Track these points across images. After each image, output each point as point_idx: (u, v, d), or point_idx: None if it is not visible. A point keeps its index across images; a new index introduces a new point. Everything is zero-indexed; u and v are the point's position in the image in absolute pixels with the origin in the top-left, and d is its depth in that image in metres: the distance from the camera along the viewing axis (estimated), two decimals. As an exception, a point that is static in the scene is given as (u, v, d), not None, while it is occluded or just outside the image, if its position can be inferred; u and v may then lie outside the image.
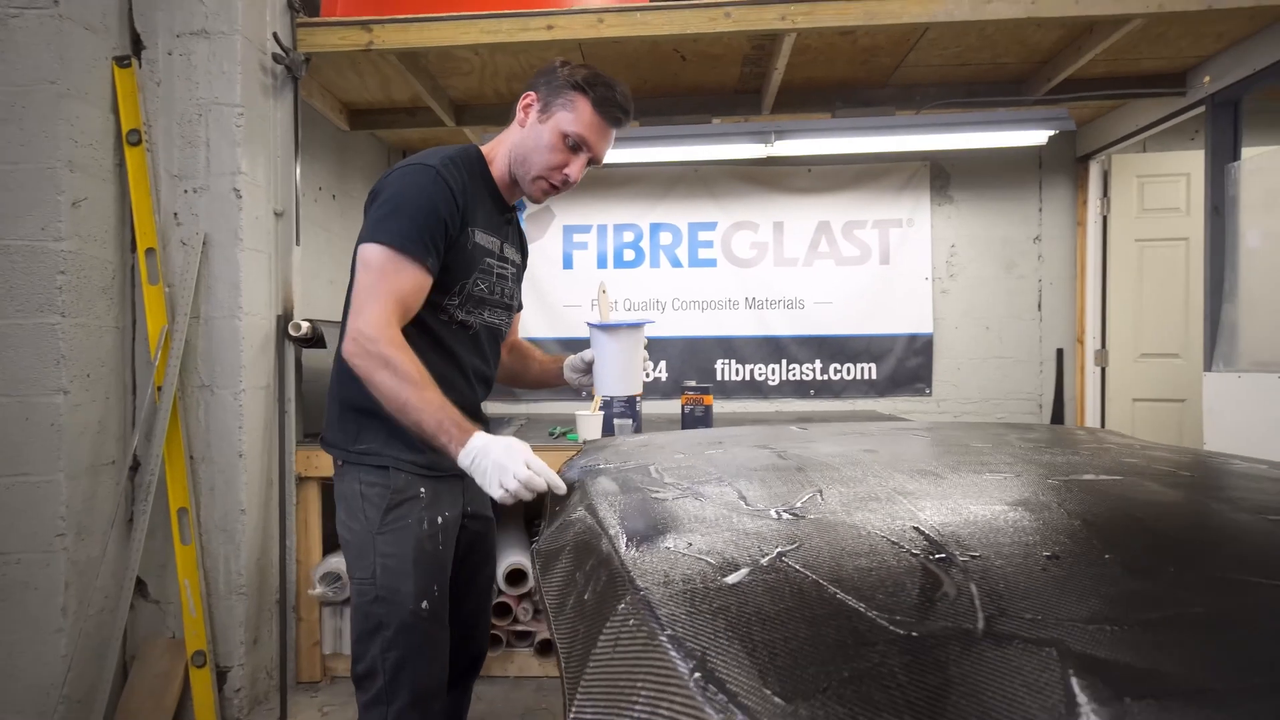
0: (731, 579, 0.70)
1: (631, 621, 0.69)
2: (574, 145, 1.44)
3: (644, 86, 3.27)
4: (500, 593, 2.57)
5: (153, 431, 2.24)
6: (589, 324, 1.66)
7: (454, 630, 1.52)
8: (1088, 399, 3.78)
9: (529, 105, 1.47)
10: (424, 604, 1.40)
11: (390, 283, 1.32)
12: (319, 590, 2.51)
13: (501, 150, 1.52)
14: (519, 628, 2.63)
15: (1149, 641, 0.54)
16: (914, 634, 0.57)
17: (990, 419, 3.91)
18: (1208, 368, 2.88)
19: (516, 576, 2.58)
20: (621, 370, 1.64)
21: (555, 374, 1.78)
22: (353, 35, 2.57)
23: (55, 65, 2.06)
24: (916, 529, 0.77)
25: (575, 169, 1.46)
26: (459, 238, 1.41)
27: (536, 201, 1.54)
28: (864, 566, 0.69)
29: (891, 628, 0.59)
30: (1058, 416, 3.84)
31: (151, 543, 2.27)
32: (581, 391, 1.81)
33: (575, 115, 1.42)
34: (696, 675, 0.57)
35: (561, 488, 1.20)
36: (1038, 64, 3.12)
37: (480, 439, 1.25)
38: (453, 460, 1.26)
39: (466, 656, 1.62)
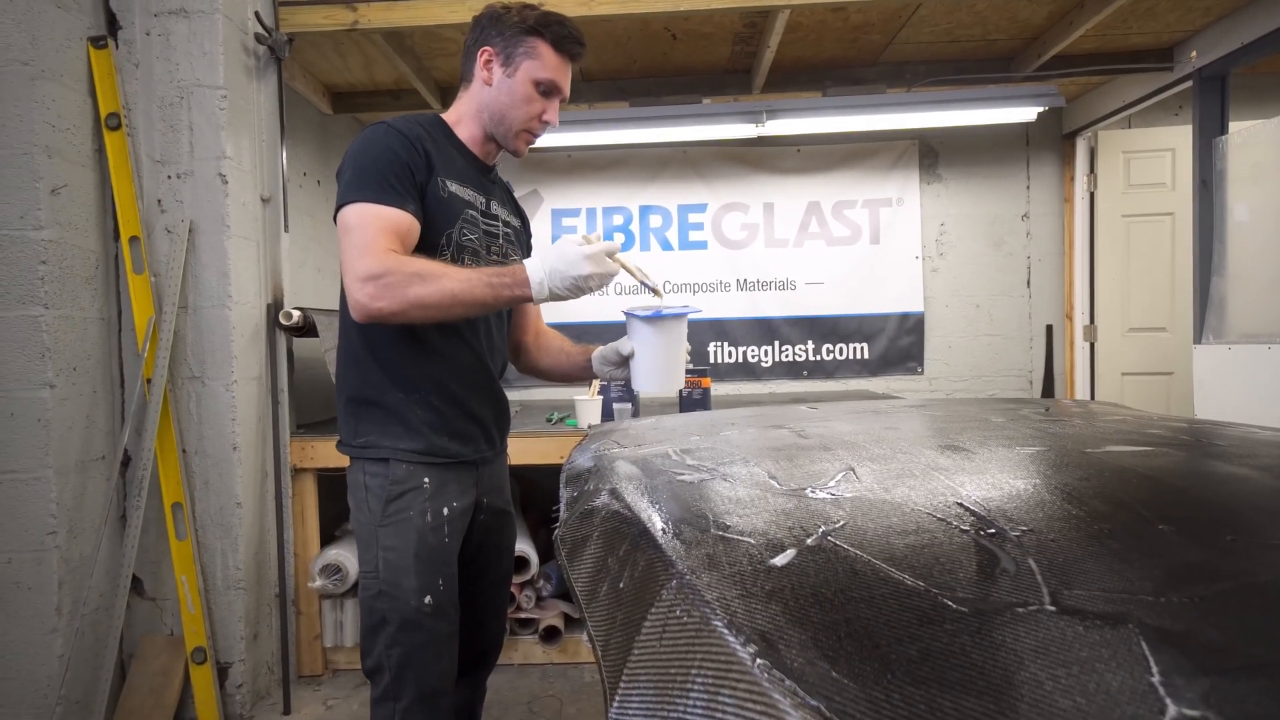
0: (779, 560, 0.68)
1: (680, 607, 0.67)
2: (546, 91, 1.43)
3: (633, 66, 3.23)
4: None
5: (143, 425, 2.19)
6: (626, 312, 1.47)
7: (464, 622, 1.49)
8: (1077, 374, 3.82)
9: (489, 61, 1.43)
10: (427, 599, 1.36)
11: (375, 226, 1.26)
12: (318, 583, 2.47)
13: (468, 111, 1.47)
14: (522, 615, 2.62)
15: (1222, 612, 0.53)
16: (980, 611, 0.56)
17: (982, 396, 3.94)
18: (1198, 340, 2.91)
19: (518, 564, 2.56)
20: (663, 364, 1.45)
21: (583, 366, 1.63)
22: (337, 14, 2.50)
23: (27, 46, 1.98)
24: (960, 505, 0.76)
25: (553, 113, 1.46)
26: (429, 185, 1.36)
27: (519, 154, 1.51)
28: (915, 544, 0.68)
29: (956, 606, 0.57)
30: (1048, 392, 3.88)
31: (146, 539, 2.22)
32: (611, 385, 1.69)
33: (541, 61, 1.41)
34: (761, 661, 0.56)
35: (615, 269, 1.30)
36: (1027, 40, 3.11)
37: (534, 259, 1.28)
38: (527, 297, 1.27)
39: (476, 649, 1.58)
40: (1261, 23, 2.67)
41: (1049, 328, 3.90)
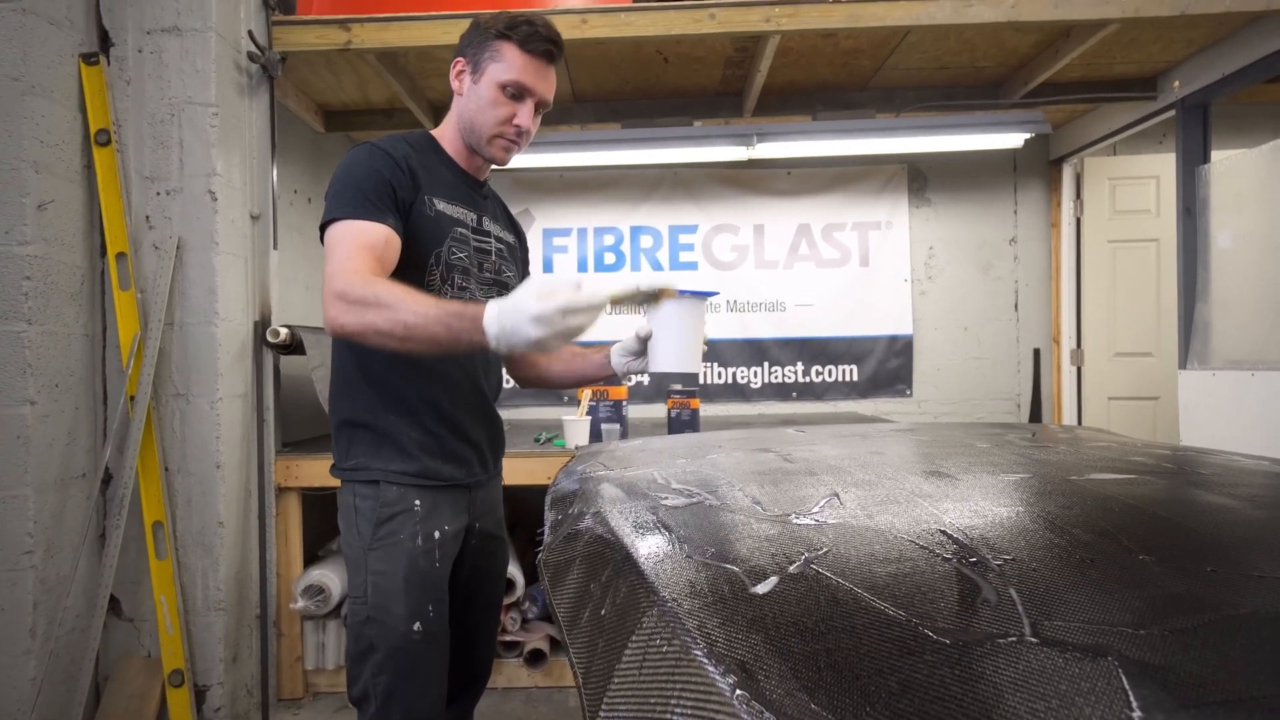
0: (761, 588, 0.68)
1: (660, 636, 0.66)
2: (514, 94, 1.38)
3: (625, 88, 3.26)
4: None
5: (125, 443, 2.16)
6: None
7: (453, 648, 1.46)
8: (1065, 398, 3.83)
9: (461, 72, 1.42)
10: (416, 625, 1.34)
11: (353, 244, 1.24)
12: (300, 604, 2.44)
13: (450, 126, 1.47)
14: (507, 638, 2.59)
15: (1203, 645, 0.53)
16: (961, 642, 0.56)
17: (970, 419, 3.95)
18: (1182, 366, 2.93)
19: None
20: (683, 344, 1.44)
21: (598, 365, 1.60)
22: (330, 34, 2.51)
23: (18, 61, 1.98)
24: (944, 532, 0.75)
25: (525, 117, 1.40)
26: (416, 204, 1.35)
27: (500, 162, 1.47)
28: (897, 572, 0.68)
29: (936, 636, 0.57)
30: (1035, 416, 3.89)
31: (125, 558, 2.19)
32: (627, 378, 1.61)
33: (506, 63, 1.37)
34: (740, 693, 0.55)
35: (601, 296, 1.10)
36: (1015, 68, 3.16)
37: (492, 307, 1.10)
38: (484, 346, 1.12)
39: (464, 674, 1.56)
40: (1243, 54, 2.72)
41: (1036, 351, 3.93)
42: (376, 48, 2.55)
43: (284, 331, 2.42)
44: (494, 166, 1.52)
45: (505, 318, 1.08)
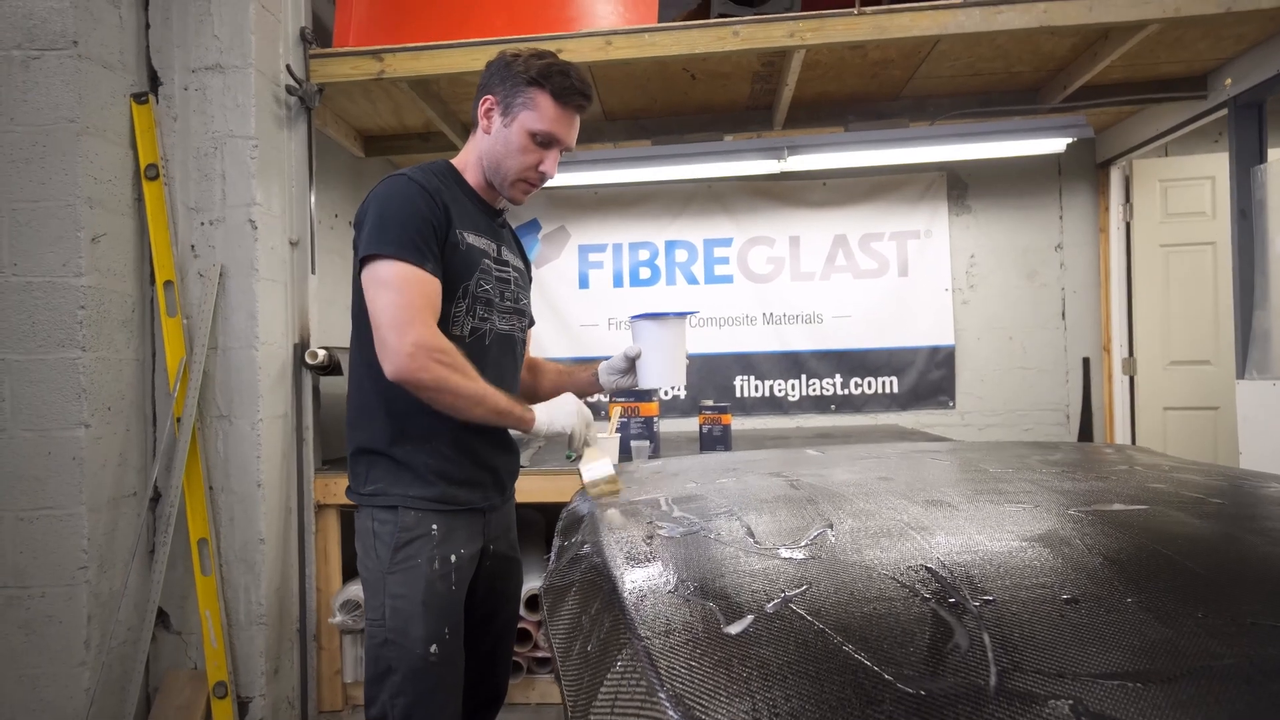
0: (734, 629, 0.68)
1: (630, 676, 0.67)
2: (543, 142, 1.44)
3: (654, 106, 3.28)
4: (520, 618, 2.55)
5: (172, 463, 2.26)
6: (633, 317, 1.63)
7: (469, 669, 1.48)
8: (1117, 408, 3.69)
9: (490, 110, 1.45)
10: (433, 648, 1.36)
11: (416, 292, 1.31)
12: (339, 618, 2.50)
13: (472, 159, 1.51)
14: (540, 654, 2.61)
15: (1173, 699, 0.51)
16: (922, 692, 0.55)
17: (1016, 430, 3.83)
18: (1240, 375, 2.80)
19: (536, 602, 2.56)
20: (669, 361, 1.60)
21: (585, 382, 1.72)
22: (364, 65, 2.60)
23: (74, 104, 2.10)
24: (928, 569, 0.74)
25: (550, 164, 1.46)
26: (449, 237, 1.39)
27: (517, 203, 1.54)
28: (872, 614, 0.67)
29: (899, 684, 0.56)
30: (1086, 427, 3.75)
31: (172, 574, 2.28)
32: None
33: (539, 113, 1.41)
34: (694, 738, 0.55)
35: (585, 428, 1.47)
36: (1052, 72, 3.07)
37: (542, 408, 1.45)
38: (529, 426, 1.41)
39: (482, 695, 1.58)
40: (1298, 50, 2.60)
41: (1086, 360, 3.79)
42: (408, 76, 2.62)
43: (322, 353, 2.50)
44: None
45: (555, 418, 1.44)
